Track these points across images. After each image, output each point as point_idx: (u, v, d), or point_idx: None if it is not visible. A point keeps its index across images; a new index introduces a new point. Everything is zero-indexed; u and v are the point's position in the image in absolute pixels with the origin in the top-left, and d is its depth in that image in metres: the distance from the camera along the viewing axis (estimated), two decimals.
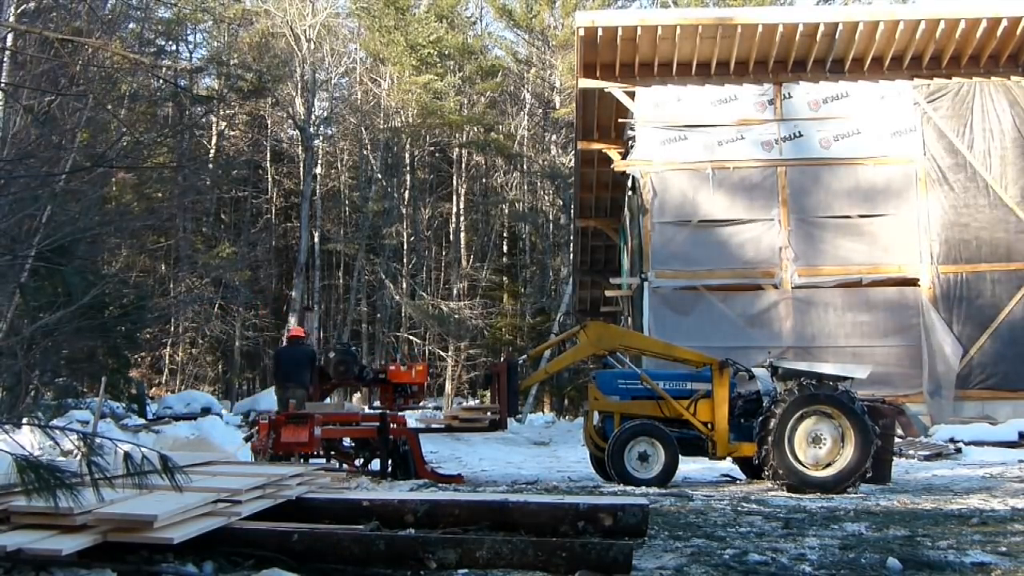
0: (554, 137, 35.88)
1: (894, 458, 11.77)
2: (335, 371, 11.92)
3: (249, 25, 34.54)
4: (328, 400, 15.03)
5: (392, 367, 12.36)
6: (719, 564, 4.73)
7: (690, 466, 11.72)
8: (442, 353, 32.55)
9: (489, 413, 11.03)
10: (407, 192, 35.75)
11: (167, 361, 29.90)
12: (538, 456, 15.77)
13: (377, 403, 12.75)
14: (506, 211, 38.08)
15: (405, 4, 34.50)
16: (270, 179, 35.15)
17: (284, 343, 17.40)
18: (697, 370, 10.64)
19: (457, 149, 37.11)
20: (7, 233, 11.31)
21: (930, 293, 17.42)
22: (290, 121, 33.71)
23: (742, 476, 11.18)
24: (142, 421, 18.87)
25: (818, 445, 9.46)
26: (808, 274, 17.56)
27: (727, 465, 11.56)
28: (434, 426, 12.17)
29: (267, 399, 19.44)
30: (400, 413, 11.44)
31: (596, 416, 10.57)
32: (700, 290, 17.62)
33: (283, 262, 35.62)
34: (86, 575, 4.04)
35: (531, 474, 11.78)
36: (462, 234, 36.74)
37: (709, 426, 10.04)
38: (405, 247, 35.05)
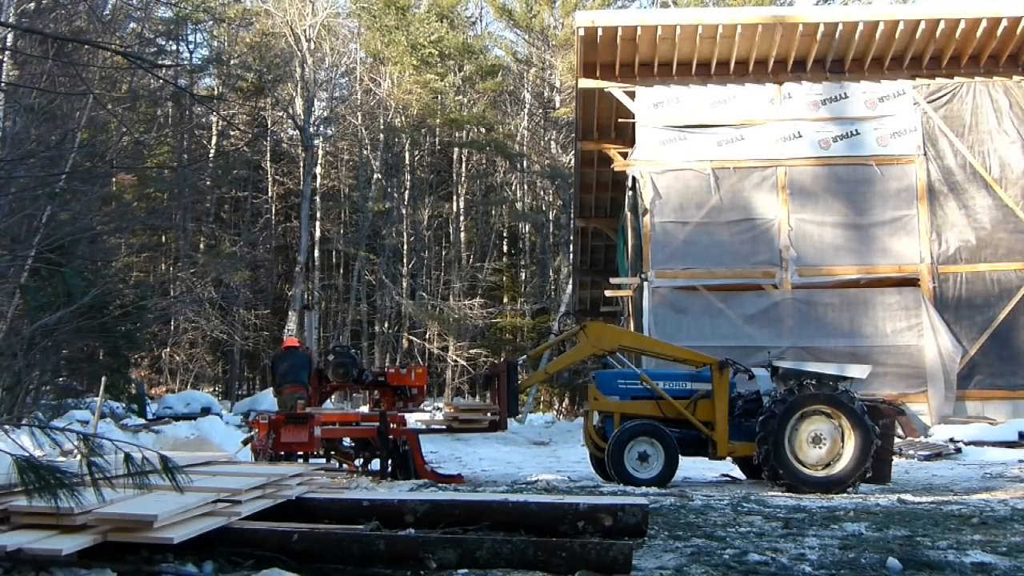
0: (554, 137, 35.89)
1: (894, 458, 11.79)
2: (334, 374, 12.00)
3: (249, 25, 34.56)
4: (328, 403, 15.00)
5: (391, 370, 12.48)
6: (719, 564, 4.72)
7: (690, 466, 11.73)
8: (442, 353, 32.55)
9: (489, 414, 11.03)
10: (407, 192, 35.76)
11: (167, 361, 29.90)
12: (538, 456, 15.77)
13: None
14: (506, 211, 38.09)
15: (406, 4, 34.51)
16: (270, 179, 35.16)
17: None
18: (697, 370, 10.63)
19: (457, 149, 37.11)
20: (7, 233, 11.31)
21: (930, 293, 17.41)
22: (290, 121, 33.72)
23: (742, 476, 11.18)
24: (142, 421, 18.87)
25: (818, 445, 9.46)
26: (808, 274, 17.56)
27: (727, 465, 11.56)
28: (434, 426, 12.20)
29: (267, 399, 19.43)
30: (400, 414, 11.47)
31: (596, 416, 10.57)
32: (700, 290, 17.62)
33: (283, 262, 35.63)
34: (86, 575, 4.04)
35: (530, 472, 11.78)
36: (462, 234, 36.74)
37: (709, 426, 10.04)
38: (405, 247, 35.06)
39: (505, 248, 38.85)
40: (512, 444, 17.64)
